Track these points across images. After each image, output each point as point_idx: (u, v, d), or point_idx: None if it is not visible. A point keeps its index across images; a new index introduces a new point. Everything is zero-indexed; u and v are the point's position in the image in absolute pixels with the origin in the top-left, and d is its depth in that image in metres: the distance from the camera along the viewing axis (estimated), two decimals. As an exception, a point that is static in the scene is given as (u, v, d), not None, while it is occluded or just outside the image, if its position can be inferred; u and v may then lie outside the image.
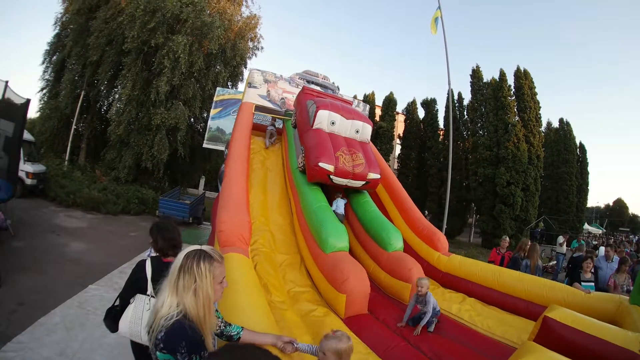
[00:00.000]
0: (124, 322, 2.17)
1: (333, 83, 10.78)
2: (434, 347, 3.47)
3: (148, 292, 2.21)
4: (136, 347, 2.27)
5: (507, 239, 6.82)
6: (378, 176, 6.13)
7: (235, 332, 1.86)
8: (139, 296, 2.22)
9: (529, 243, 6.41)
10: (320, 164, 5.59)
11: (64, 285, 5.15)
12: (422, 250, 6.02)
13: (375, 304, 4.40)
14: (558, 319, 3.25)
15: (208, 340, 1.49)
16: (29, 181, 10.52)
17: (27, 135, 10.31)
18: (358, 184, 6.01)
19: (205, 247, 1.54)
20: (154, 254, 2.46)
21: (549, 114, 46.51)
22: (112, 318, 2.28)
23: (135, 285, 2.25)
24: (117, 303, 2.36)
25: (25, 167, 10.32)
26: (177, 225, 2.58)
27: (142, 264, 2.31)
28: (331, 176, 5.67)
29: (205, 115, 16.38)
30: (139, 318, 2.14)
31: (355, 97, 17.10)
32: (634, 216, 64.73)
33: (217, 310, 1.78)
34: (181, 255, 1.51)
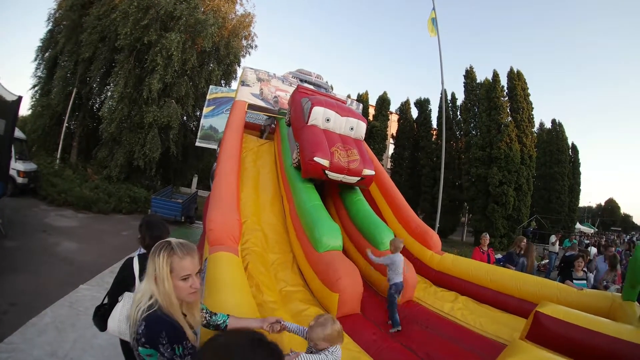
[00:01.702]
0: (113, 320, 2.15)
1: (326, 82, 10.76)
2: (426, 347, 3.49)
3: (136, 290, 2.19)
4: (126, 346, 2.25)
5: (487, 236, 6.71)
6: (373, 172, 6.12)
7: (222, 321, 1.85)
8: (127, 294, 2.20)
9: (525, 239, 6.42)
10: (316, 159, 5.56)
11: (55, 285, 5.09)
12: (415, 249, 6.04)
13: (367, 303, 4.40)
14: (550, 314, 3.25)
15: (188, 332, 1.47)
16: (20, 180, 10.38)
17: (18, 133, 10.17)
18: (353, 179, 5.99)
19: (174, 240, 1.52)
20: (144, 252, 2.44)
21: (542, 115, 46.88)
22: (101, 316, 2.27)
23: (123, 283, 2.24)
24: (105, 301, 2.34)
25: (17, 166, 10.17)
26: (166, 223, 2.56)
27: (129, 261, 2.30)
28: (326, 171, 5.64)
29: (198, 113, 16.25)
30: (128, 316, 2.13)
31: (349, 96, 17.12)
32: (626, 216, 65.68)
33: (201, 303, 1.76)
34: None
